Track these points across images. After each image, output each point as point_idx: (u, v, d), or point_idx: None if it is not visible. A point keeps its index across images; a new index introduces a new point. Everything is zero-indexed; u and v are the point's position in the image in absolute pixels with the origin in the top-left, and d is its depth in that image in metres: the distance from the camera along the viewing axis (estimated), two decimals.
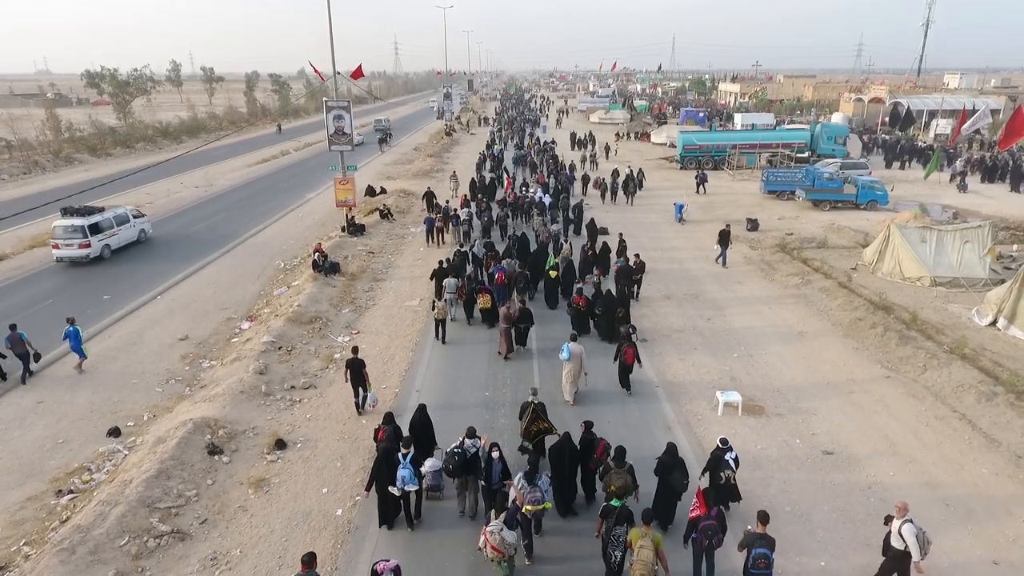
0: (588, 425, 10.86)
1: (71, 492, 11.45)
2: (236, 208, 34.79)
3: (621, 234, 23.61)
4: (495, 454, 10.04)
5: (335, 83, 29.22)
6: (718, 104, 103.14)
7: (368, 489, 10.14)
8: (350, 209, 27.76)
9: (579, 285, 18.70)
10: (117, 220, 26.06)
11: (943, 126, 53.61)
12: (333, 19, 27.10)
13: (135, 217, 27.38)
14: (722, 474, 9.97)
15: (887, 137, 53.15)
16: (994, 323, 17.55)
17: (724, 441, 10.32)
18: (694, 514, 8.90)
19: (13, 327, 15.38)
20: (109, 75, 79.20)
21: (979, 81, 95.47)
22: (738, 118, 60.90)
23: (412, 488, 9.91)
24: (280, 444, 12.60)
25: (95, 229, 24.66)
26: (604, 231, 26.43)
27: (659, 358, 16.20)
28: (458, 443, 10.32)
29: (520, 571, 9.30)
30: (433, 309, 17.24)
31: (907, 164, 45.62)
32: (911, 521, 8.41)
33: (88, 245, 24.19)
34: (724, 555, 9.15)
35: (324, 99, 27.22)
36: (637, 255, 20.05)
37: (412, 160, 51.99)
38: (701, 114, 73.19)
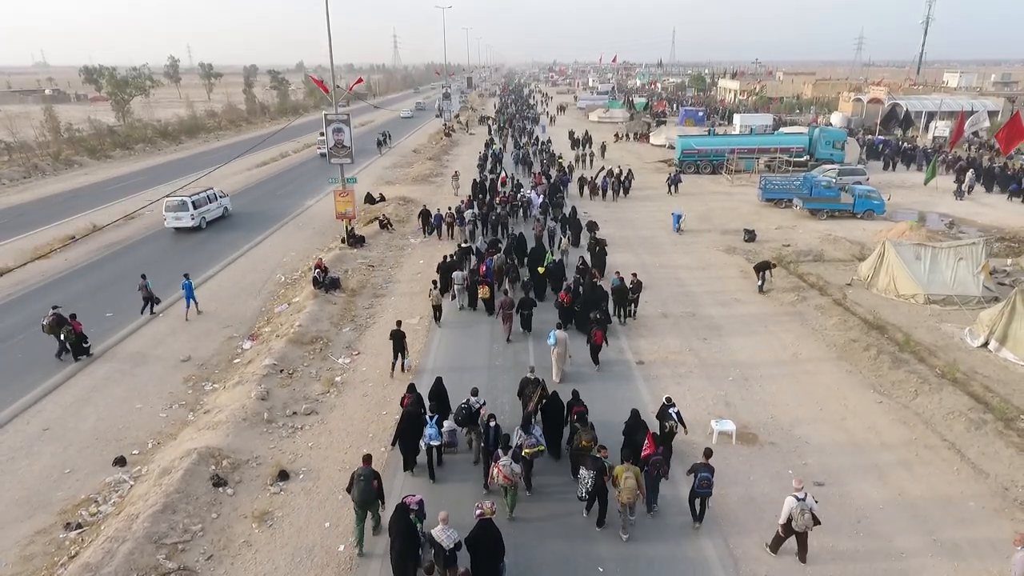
0: (576, 393, 13.40)
1: (79, 526, 11.70)
2: (236, 216, 34.92)
3: (591, 248, 24.74)
4: (492, 424, 12.26)
5: (335, 97, 29.30)
6: (717, 101, 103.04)
7: (393, 445, 12.74)
8: (350, 221, 27.89)
9: (568, 283, 19.96)
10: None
11: (941, 128, 53.67)
12: (331, 12, 27.40)
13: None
14: (666, 424, 12.59)
15: (871, 138, 53.68)
16: (985, 344, 17.79)
17: (669, 399, 12.95)
18: (646, 453, 11.53)
19: (144, 276, 21.00)
20: (108, 74, 79.05)
21: (979, 77, 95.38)
22: (737, 119, 60.93)
23: (436, 443, 12.46)
24: (283, 475, 12.84)
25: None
26: (604, 243, 26.64)
27: (655, 381, 16.41)
28: (465, 400, 12.94)
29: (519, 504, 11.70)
30: (430, 296, 19.78)
31: (894, 166, 46.06)
32: (796, 497, 10.01)
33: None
34: (675, 484, 11.96)
35: (324, 113, 27.31)
36: (634, 274, 20.23)
37: (411, 163, 52.08)
38: (700, 113, 73.29)
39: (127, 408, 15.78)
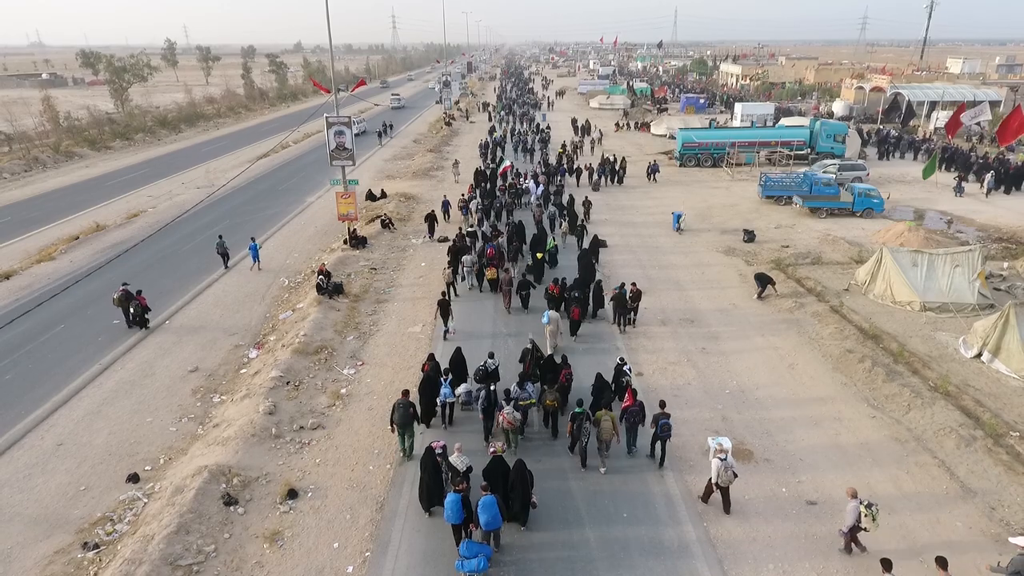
0: (564, 358, 16.17)
1: (96, 546, 12.11)
2: (238, 214, 35.09)
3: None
4: (493, 388, 14.63)
5: (336, 97, 29.29)
6: (719, 86, 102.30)
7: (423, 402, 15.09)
8: (352, 222, 28.07)
9: (561, 277, 21.51)
10: None
11: (943, 119, 53.42)
12: None
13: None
14: (622, 380, 15.23)
15: (863, 127, 54.05)
16: (979, 355, 18.11)
17: (622, 360, 15.94)
18: (625, 405, 14.01)
19: (220, 236, 26.08)
20: (106, 60, 78.52)
21: (983, 62, 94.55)
22: (738, 108, 60.67)
23: (450, 400, 15.17)
24: (292, 493, 13.22)
25: None
26: (603, 243, 27.00)
27: (654, 394, 16.65)
28: (483, 362, 15.97)
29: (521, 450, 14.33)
30: (443, 275, 22.69)
31: (889, 156, 46.30)
32: (720, 459, 12.03)
33: None
34: (642, 432, 14.30)
35: (325, 115, 27.33)
36: (634, 284, 20.47)
37: (412, 155, 52.05)
38: (702, 101, 72.87)
39: (137, 421, 16.15)
